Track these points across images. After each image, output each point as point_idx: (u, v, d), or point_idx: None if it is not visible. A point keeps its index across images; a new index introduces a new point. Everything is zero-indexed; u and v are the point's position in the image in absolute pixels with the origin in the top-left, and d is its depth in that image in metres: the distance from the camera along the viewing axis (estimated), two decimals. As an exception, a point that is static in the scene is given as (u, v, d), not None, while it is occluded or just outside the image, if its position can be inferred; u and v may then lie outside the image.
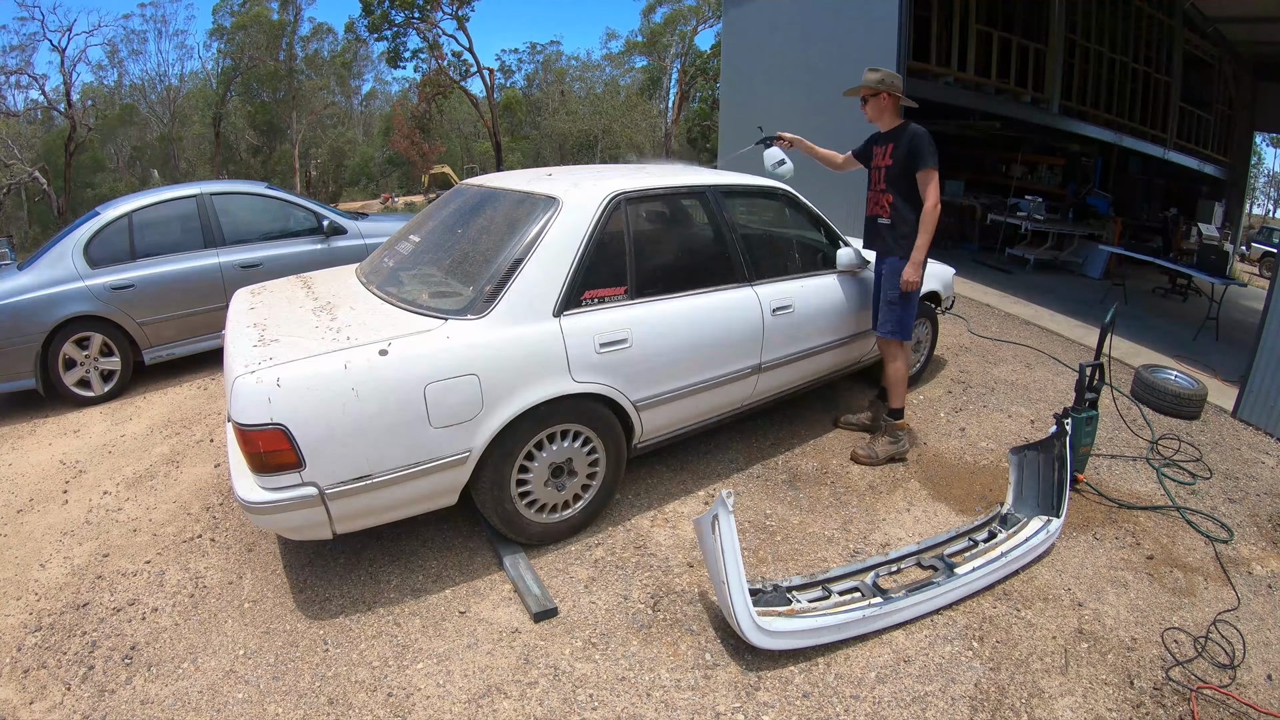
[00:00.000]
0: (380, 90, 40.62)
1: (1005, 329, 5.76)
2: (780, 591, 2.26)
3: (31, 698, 1.95)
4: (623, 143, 33.73)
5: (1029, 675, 2.06)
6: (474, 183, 3.20)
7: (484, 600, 2.31)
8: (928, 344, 4.31)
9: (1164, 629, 2.29)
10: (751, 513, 2.87)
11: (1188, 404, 4.10)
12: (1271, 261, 15.06)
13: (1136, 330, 5.96)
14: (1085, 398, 3.05)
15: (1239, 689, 2.05)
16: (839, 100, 3.86)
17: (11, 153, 21.13)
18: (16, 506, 3.05)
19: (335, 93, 36.15)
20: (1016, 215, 8.91)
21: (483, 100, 29.00)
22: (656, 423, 2.74)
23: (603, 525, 2.74)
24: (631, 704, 1.91)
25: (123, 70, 28.75)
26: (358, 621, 2.22)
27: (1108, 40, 9.81)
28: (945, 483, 3.18)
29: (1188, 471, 3.43)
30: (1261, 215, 39.89)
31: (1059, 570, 2.57)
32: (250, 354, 2.14)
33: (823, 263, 3.41)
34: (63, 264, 4.17)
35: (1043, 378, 4.61)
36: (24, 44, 21.66)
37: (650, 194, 2.82)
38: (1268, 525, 3.00)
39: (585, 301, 2.47)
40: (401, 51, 26.34)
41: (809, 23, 8.63)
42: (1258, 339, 4.13)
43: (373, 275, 2.82)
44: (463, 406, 2.19)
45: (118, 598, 2.38)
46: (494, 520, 2.45)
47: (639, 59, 35.52)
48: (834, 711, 1.90)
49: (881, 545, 2.68)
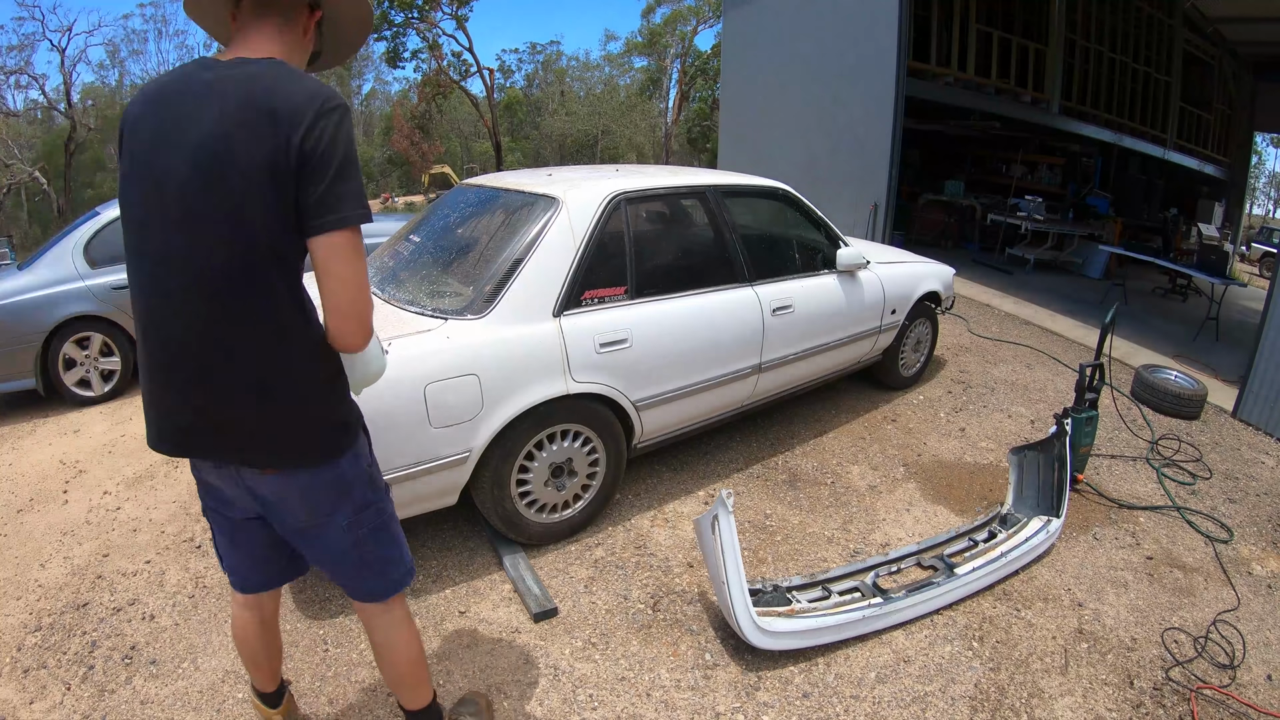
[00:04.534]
0: (380, 90, 40.67)
1: (1005, 329, 5.76)
2: (780, 591, 2.26)
3: (31, 697, 1.95)
4: (622, 143, 33.73)
5: (1029, 675, 2.06)
6: (474, 183, 3.20)
7: (484, 600, 2.31)
8: (928, 344, 4.31)
9: (1164, 629, 2.29)
10: (751, 513, 2.87)
11: (1188, 404, 4.10)
12: (1271, 261, 15.06)
13: (1136, 330, 5.97)
14: (1085, 398, 3.05)
15: (1239, 689, 2.05)
16: (839, 100, 3.88)
17: (11, 153, 21.14)
18: (16, 506, 3.05)
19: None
20: (1016, 215, 8.92)
21: (483, 100, 28.99)
22: (656, 423, 2.74)
23: (603, 525, 2.74)
24: (631, 704, 1.91)
25: (123, 70, 28.76)
26: (358, 621, 2.22)
27: (1108, 40, 9.82)
28: (945, 483, 3.18)
29: (1188, 472, 3.43)
30: (1261, 215, 39.93)
31: (1059, 570, 2.57)
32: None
33: (823, 263, 3.41)
34: (63, 264, 4.17)
35: (1043, 378, 4.61)
36: (24, 44, 21.67)
37: (650, 194, 2.82)
38: (1268, 525, 3.00)
39: (585, 301, 2.47)
40: (401, 51, 26.30)
41: (809, 23, 8.64)
42: (1258, 339, 4.13)
43: (372, 275, 2.82)
44: (463, 406, 2.18)
45: (118, 598, 2.38)
46: (494, 520, 2.45)
47: (639, 59, 35.50)
48: (834, 711, 1.90)
49: (881, 545, 2.68)
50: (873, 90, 7.43)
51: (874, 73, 7.36)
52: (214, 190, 1.07)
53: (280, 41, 1.19)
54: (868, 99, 7.55)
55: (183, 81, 1.12)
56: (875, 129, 7.48)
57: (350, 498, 1.32)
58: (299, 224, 1.11)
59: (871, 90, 7.45)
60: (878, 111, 7.38)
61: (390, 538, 1.43)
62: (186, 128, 1.08)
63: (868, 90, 7.53)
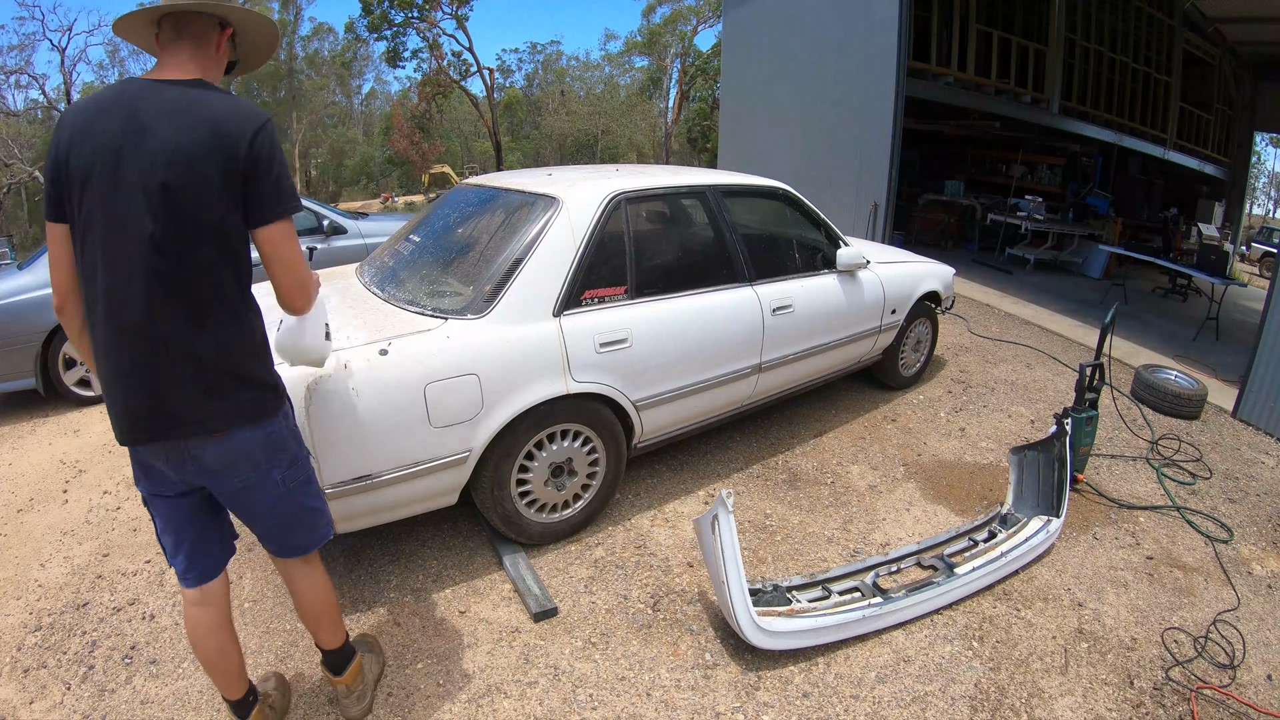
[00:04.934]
0: (380, 90, 40.67)
1: (1005, 329, 5.76)
2: (780, 591, 2.26)
3: (31, 697, 1.95)
4: (622, 143, 33.72)
5: (1029, 675, 2.06)
6: (474, 182, 3.20)
7: (484, 600, 2.31)
8: (928, 344, 4.31)
9: (1164, 629, 2.29)
10: (751, 513, 2.87)
11: (1188, 404, 4.10)
12: (1271, 261, 15.06)
13: (1136, 330, 5.97)
14: (1085, 398, 3.05)
15: (1239, 689, 2.05)
16: (839, 100, 3.87)
17: (11, 153, 21.13)
18: (16, 506, 3.05)
19: (335, 92, 36.14)
20: (1016, 215, 8.92)
21: (483, 100, 29.00)
22: (657, 422, 2.74)
23: (603, 525, 2.74)
24: (631, 704, 1.91)
25: (123, 70, 28.71)
26: (358, 621, 2.22)
27: (1108, 40, 9.81)
28: (945, 483, 3.18)
29: (1188, 471, 3.43)
30: (1261, 215, 39.91)
31: (1059, 570, 2.57)
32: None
33: (822, 263, 3.41)
34: (63, 264, 4.17)
35: (1043, 378, 4.61)
36: (24, 44, 21.66)
37: (650, 194, 2.82)
38: (1268, 525, 3.00)
39: (585, 301, 2.47)
40: (401, 51, 26.32)
41: (809, 23, 8.63)
42: (1258, 339, 4.13)
43: (372, 275, 2.82)
44: (463, 406, 2.18)
45: (118, 597, 2.38)
46: (494, 520, 2.45)
47: (639, 59, 35.49)
48: (834, 711, 1.90)
49: (881, 545, 2.68)
50: (873, 90, 7.42)
51: (874, 73, 7.35)
52: (175, 192, 1.27)
53: (197, 60, 1.38)
54: (868, 99, 7.55)
55: (125, 98, 1.30)
56: (875, 129, 7.48)
57: (285, 452, 1.52)
58: (245, 217, 1.35)
59: (871, 90, 7.44)
60: (878, 111, 7.37)
61: (316, 490, 1.64)
62: (141, 140, 1.27)
63: (868, 90, 7.53)
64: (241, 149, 1.30)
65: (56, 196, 1.34)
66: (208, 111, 1.29)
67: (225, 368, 1.38)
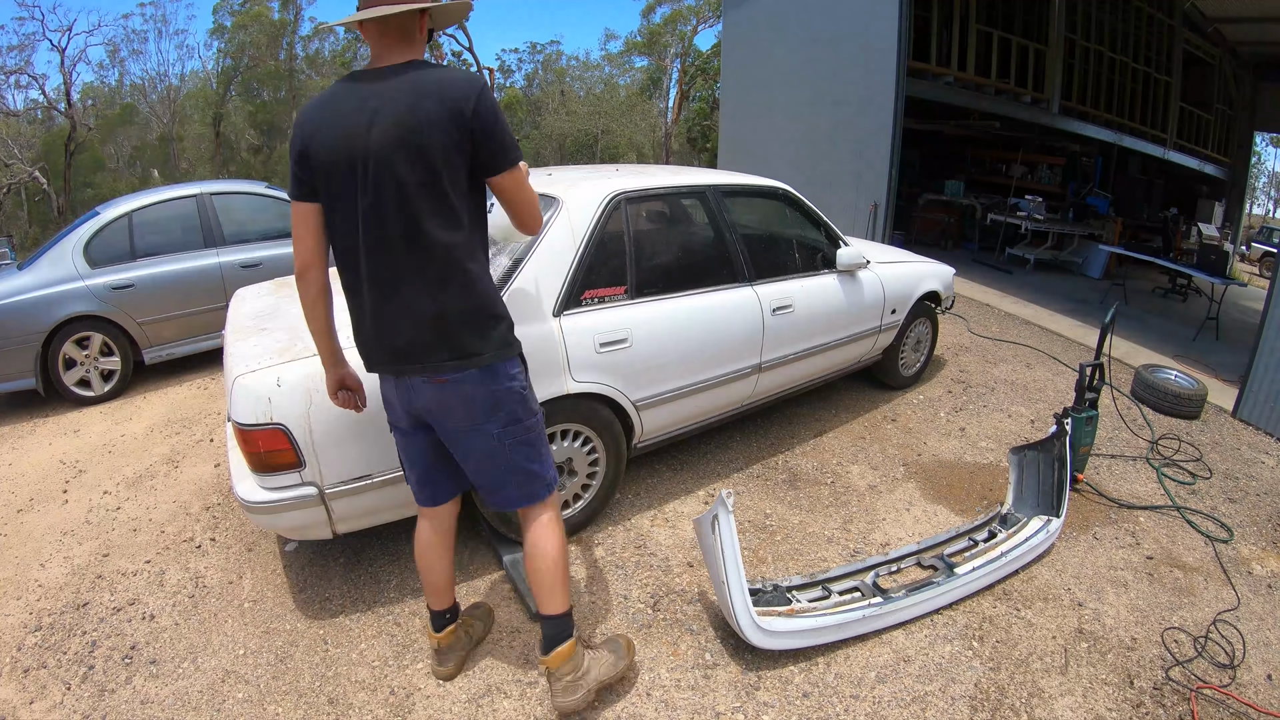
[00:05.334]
0: (380, 90, 40.53)
1: (1005, 329, 5.76)
2: (780, 591, 2.26)
3: (31, 697, 1.95)
4: (622, 142, 33.70)
5: (1029, 675, 2.06)
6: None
7: (484, 600, 2.31)
8: (928, 343, 4.31)
9: (1164, 629, 2.29)
10: (751, 513, 2.87)
11: (1188, 404, 4.10)
12: (1271, 261, 15.06)
13: (1136, 330, 5.97)
14: (1085, 397, 3.05)
15: (1239, 689, 2.05)
16: (839, 100, 3.87)
17: (11, 153, 21.10)
18: (16, 506, 3.05)
19: (335, 92, 36.02)
20: (1016, 215, 8.92)
21: (483, 100, 28.93)
22: (656, 422, 2.73)
23: (603, 525, 2.74)
24: (631, 704, 1.91)
25: (123, 70, 28.69)
26: (358, 621, 2.22)
27: (1108, 40, 9.81)
28: (945, 483, 3.18)
29: (1188, 471, 3.43)
30: (1261, 215, 39.87)
31: (1059, 570, 2.57)
32: (250, 354, 2.14)
33: (823, 262, 3.41)
34: (63, 264, 4.17)
35: (1043, 378, 4.61)
36: (24, 44, 21.61)
37: (650, 194, 2.82)
38: (1268, 525, 3.00)
39: (585, 301, 2.47)
40: (401, 51, 26.29)
41: (809, 23, 8.64)
42: (1258, 339, 4.13)
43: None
44: (463, 406, 2.18)
45: (118, 597, 2.38)
46: (494, 520, 2.45)
47: (639, 59, 35.48)
48: (834, 711, 1.90)
49: (881, 545, 2.68)
50: (873, 90, 7.42)
51: (874, 72, 7.35)
52: (414, 161, 1.45)
53: (405, 44, 1.54)
54: (868, 99, 7.55)
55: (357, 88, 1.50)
56: (875, 129, 7.47)
57: (502, 411, 1.64)
58: (480, 169, 1.54)
59: (871, 90, 7.44)
60: (878, 111, 7.37)
61: (535, 453, 1.73)
62: (377, 120, 1.45)
63: (868, 90, 7.53)
64: (468, 113, 1.46)
65: (305, 179, 1.55)
66: (433, 87, 1.46)
67: (463, 316, 1.58)
